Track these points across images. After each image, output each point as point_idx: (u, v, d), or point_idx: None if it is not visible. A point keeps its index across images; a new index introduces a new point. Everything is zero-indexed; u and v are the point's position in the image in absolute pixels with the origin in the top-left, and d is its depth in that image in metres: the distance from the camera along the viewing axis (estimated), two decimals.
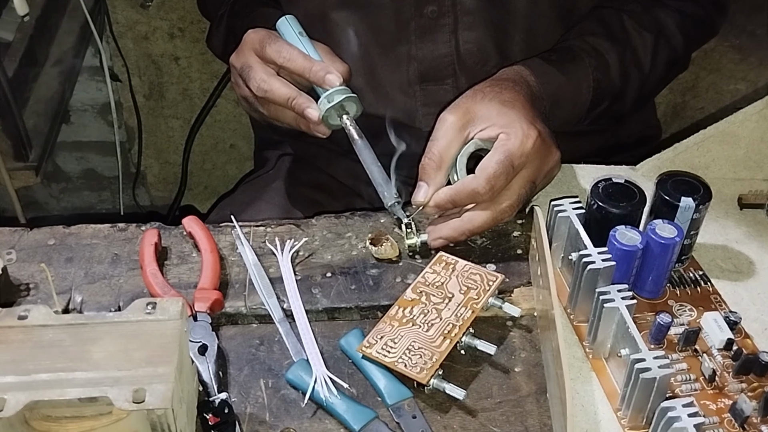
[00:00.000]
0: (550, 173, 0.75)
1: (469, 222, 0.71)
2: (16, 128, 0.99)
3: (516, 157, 0.69)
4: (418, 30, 0.85)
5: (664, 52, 0.89)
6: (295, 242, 0.75)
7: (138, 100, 1.56)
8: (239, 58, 0.80)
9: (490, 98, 0.73)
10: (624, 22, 0.87)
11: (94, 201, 1.74)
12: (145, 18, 1.47)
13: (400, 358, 0.63)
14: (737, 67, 1.42)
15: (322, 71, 0.75)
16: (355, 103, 0.77)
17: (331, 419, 0.62)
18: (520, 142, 0.69)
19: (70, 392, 0.51)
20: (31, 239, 0.76)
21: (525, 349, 0.67)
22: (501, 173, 0.69)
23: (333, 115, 0.77)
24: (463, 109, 0.72)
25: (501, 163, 0.69)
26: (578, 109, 0.85)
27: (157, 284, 0.70)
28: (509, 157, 0.69)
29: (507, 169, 0.69)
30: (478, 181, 0.69)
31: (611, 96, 0.86)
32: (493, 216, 0.71)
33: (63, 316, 0.56)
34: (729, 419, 0.60)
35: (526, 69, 0.79)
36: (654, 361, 0.57)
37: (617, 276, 0.65)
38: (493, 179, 0.68)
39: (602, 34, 0.86)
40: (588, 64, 0.84)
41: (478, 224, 0.71)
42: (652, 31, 0.87)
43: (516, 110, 0.72)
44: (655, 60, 0.88)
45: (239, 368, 0.66)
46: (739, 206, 0.79)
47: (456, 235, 0.72)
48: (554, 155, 0.73)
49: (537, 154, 0.71)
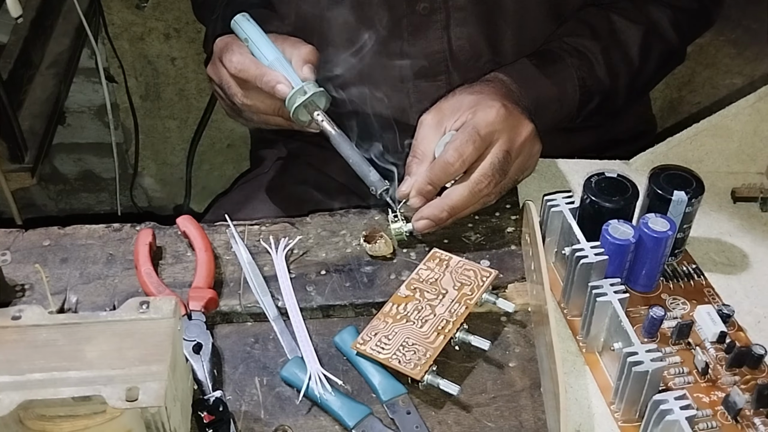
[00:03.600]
0: (528, 148, 0.75)
1: (447, 197, 0.73)
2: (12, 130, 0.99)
3: (481, 127, 0.72)
4: (410, 27, 0.86)
5: (657, 46, 0.89)
6: (289, 240, 0.75)
7: (134, 101, 1.56)
8: (213, 69, 0.81)
9: (460, 92, 0.77)
10: (611, 18, 0.87)
11: (92, 202, 1.74)
12: (141, 19, 1.47)
13: (394, 355, 0.63)
14: (733, 62, 1.42)
15: (273, 81, 0.75)
16: (324, 96, 0.77)
17: (325, 416, 0.62)
18: (483, 113, 0.73)
19: (64, 391, 0.51)
20: (26, 240, 0.76)
21: (519, 344, 0.68)
22: (467, 140, 0.71)
23: (303, 112, 0.76)
24: (437, 108, 0.76)
25: (466, 133, 0.71)
26: (567, 109, 0.85)
27: (151, 284, 0.70)
28: (475, 127, 0.72)
29: (473, 137, 0.71)
30: (446, 153, 0.72)
31: (601, 93, 0.87)
32: (469, 187, 0.72)
33: (56, 316, 0.56)
34: (722, 412, 0.60)
35: (504, 76, 0.81)
36: (646, 354, 0.57)
37: (610, 270, 0.65)
38: (460, 147, 0.71)
39: (585, 35, 0.86)
40: (570, 63, 0.84)
41: (456, 198, 0.72)
42: (641, 26, 0.88)
43: (483, 95, 0.76)
44: (646, 55, 0.88)
45: (234, 366, 0.66)
46: (733, 199, 0.79)
47: (437, 212, 0.73)
48: (526, 126, 0.75)
49: (504, 122, 0.73)
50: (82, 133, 1.60)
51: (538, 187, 0.80)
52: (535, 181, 0.81)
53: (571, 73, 0.84)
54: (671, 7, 0.90)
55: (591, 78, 0.85)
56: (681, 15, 0.90)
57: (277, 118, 0.79)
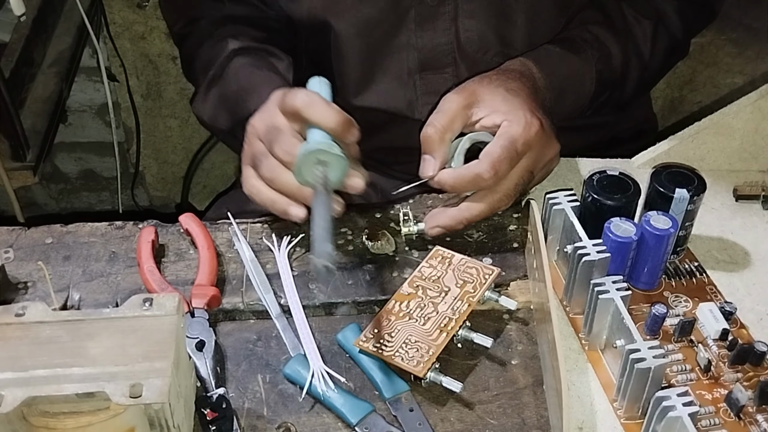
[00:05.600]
0: (549, 165, 0.75)
1: (466, 210, 0.71)
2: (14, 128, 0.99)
3: (519, 144, 0.69)
4: (417, 18, 0.85)
5: (664, 38, 0.89)
6: (291, 238, 0.75)
7: (136, 100, 1.56)
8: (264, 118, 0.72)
9: (497, 85, 0.73)
10: (624, 10, 0.87)
11: (94, 201, 1.74)
12: (142, 18, 1.47)
13: (397, 352, 0.63)
14: (734, 61, 1.42)
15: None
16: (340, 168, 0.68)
17: (328, 413, 0.62)
18: (523, 128, 0.69)
19: (68, 388, 0.51)
20: (28, 238, 0.76)
21: (521, 341, 0.68)
22: (505, 158, 0.68)
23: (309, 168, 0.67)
24: (469, 91, 0.72)
25: (505, 148, 0.68)
26: (582, 101, 0.85)
27: (154, 281, 0.70)
28: (513, 143, 0.69)
29: (511, 154, 0.69)
30: (482, 166, 0.68)
31: (613, 85, 0.87)
32: (490, 205, 0.71)
33: (60, 313, 0.56)
34: (724, 409, 0.60)
35: (530, 61, 0.79)
36: (649, 351, 0.57)
37: (612, 268, 0.65)
38: (497, 164, 0.68)
39: (604, 24, 0.86)
40: (591, 55, 0.84)
41: (475, 213, 0.71)
42: (651, 18, 0.88)
43: (520, 99, 0.72)
44: (654, 47, 0.88)
45: (237, 364, 0.66)
46: (735, 197, 0.79)
47: (453, 223, 0.72)
48: (554, 147, 0.74)
49: (538, 143, 0.71)
50: (84, 132, 1.61)
51: (540, 185, 0.80)
52: None
53: (591, 65, 0.83)
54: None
55: (607, 71, 0.85)
56: (686, 6, 0.90)
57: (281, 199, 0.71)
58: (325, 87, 0.74)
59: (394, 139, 0.75)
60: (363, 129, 0.74)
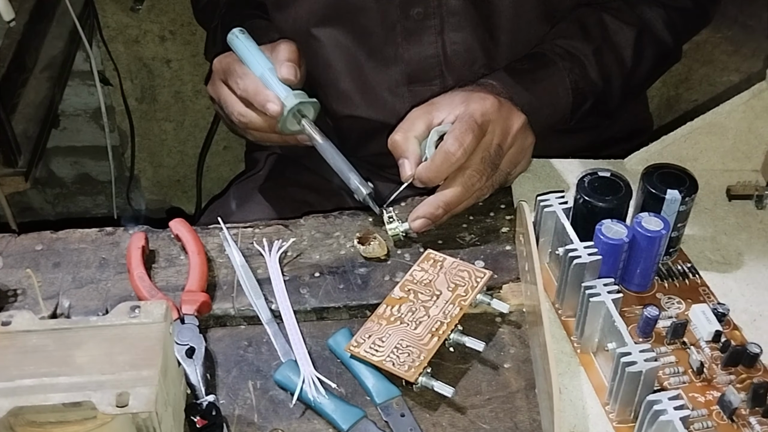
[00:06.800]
0: (518, 138, 0.76)
1: (441, 194, 0.74)
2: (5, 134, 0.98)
3: (477, 115, 0.72)
4: (404, 32, 0.85)
5: (650, 46, 0.88)
6: (283, 243, 0.75)
7: (130, 103, 1.55)
8: (214, 88, 0.83)
9: (457, 92, 0.78)
10: (603, 19, 0.87)
11: (89, 206, 1.74)
12: (136, 21, 1.46)
13: (388, 357, 0.63)
14: (730, 59, 1.41)
15: (263, 100, 0.76)
16: (313, 107, 0.78)
17: (319, 419, 0.62)
18: (477, 104, 0.73)
19: (54, 397, 0.51)
20: (18, 245, 0.76)
21: (514, 345, 0.67)
22: (466, 130, 0.71)
23: (292, 122, 0.77)
24: (427, 102, 0.77)
25: (464, 122, 0.72)
26: (560, 113, 0.85)
27: (144, 288, 0.70)
28: (471, 116, 0.72)
29: (472, 126, 0.72)
30: (447, 143, 0.71)
31: (594, 95, 0.86)
32: (463, 183, 0.73)
33: (46, 321, 0.56)
34: (717, 411, 0.59)
35: (495, 82, 0.81)
36: (640, 354, 0.56)
37: (604, 270, 0.65)
38: (461, 137, 0.71)
39: (577, 36, 0.86)
40: (562, 67, 0.83)
41: (450, 194, 0.73)
42: (634, 25, 0.87)
43: (476, 92, 0.76)
44: (639, 55, 0.87)
45: (227, 370, 0.66)
46: (728, 197, 0.79)
47: (432, 209, 0.73)
48: (517, 117, 0.76)
49: (497, 113, 0.74)
50: (78, 136, 1.60)
51: (532, 187, 0.80)
52: (529, 181, 0.81)
53: (563, 76, 0.83)
54: (664, 7, 0.89)
55: (583, 81, 0.84)
56: (675, 14, 0.90)
57: (273, 135, 0.81)
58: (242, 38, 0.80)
59: (384, 145, 0.76)
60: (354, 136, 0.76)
